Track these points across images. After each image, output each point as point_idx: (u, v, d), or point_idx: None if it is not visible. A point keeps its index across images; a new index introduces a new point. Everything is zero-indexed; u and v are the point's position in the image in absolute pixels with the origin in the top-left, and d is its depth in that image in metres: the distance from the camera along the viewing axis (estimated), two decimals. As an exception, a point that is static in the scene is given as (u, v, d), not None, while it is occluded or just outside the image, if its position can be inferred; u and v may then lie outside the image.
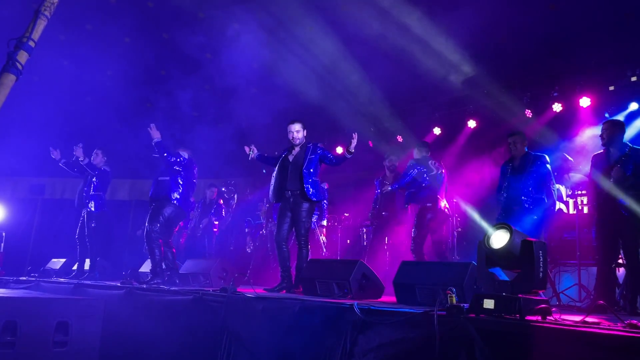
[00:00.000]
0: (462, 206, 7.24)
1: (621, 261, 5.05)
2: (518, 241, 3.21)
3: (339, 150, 9.57)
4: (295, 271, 5.68)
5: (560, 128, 7.71)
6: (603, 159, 4.95)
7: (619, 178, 4.61)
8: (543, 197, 5.43)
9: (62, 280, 7.45)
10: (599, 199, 4.88)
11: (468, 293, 3.72)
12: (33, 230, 12.12)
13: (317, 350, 3.67)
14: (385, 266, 7.24)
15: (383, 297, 4.86)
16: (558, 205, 6.35)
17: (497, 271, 3.32)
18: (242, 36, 8.29)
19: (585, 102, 7.52)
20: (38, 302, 4.68)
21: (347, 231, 8.97)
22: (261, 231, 8.85)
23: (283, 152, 5.93)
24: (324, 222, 8.33)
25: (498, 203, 5.57)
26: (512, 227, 3.28)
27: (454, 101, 9.11)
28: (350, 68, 8.33)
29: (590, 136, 7.20)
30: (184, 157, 6.67)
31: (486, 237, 3.36)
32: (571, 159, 6.65)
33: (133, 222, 11.93)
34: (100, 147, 7.91)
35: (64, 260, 8.66)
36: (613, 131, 4.92)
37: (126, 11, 9.05)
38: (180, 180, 6.59)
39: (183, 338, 4.79)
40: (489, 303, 3.03)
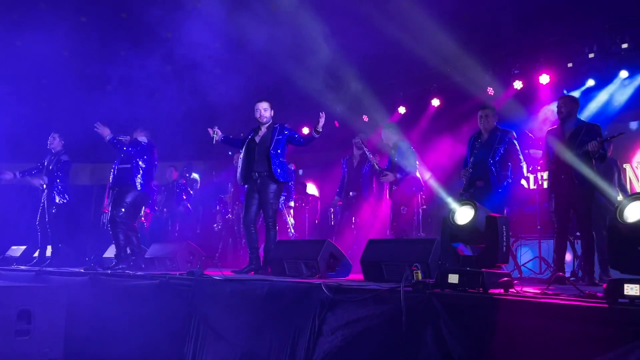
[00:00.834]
0: (428, 183, 7.31)
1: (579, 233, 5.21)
2: (482, 217, 3.27)
3: (306, 130, 9.53)
4: (263, 252, 5.67)
5: (521, 105, 7.85)
6: (558, 133, 5.06)
7: (594, 151, 4.69)
8: (508, 173, 5.50)
9: (23, 267, 7.26)
10: (555, 172, 4.99)
11: (433, 269, 3.78)
12: (-9, 217, 11.72)
13: (287, 330, 3.69)
14: (352, 245, 7.30)
15: (351, 276, 4.90)
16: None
17: (461, 246, 3.39)
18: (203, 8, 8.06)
19: (544, 79, 7.65)
20: (-2, 291, 4.56)
21: (315, 212, 8.99)
22: (228, 215, 8.78)
23: (250, 134, 5.87)
24: (292, 203, 8.32)
25: (463, 176, 5.59)
26: (477, 204, 3.34)
27: (419, 79, 9.16)
28: (318, 40, 8.14)
29: (550, 112, 7.34)
30: (144, 143, 6.55)
31: (451, 213, 3.42)
32: (532, 136, 6.78)
33: (95, 208, 11.67)
34: (56, 131, 7.69)
35: (25, 247, 8.43)
36: (572, 106, 5.04)
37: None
38: (142, 164, 6.48)
39: (150, 323, 4.74)
40: (454, 278, 3.10)
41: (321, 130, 5.47)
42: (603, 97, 7.47)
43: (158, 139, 7.11)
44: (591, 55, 7.40)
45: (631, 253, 2.68)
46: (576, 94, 7.06)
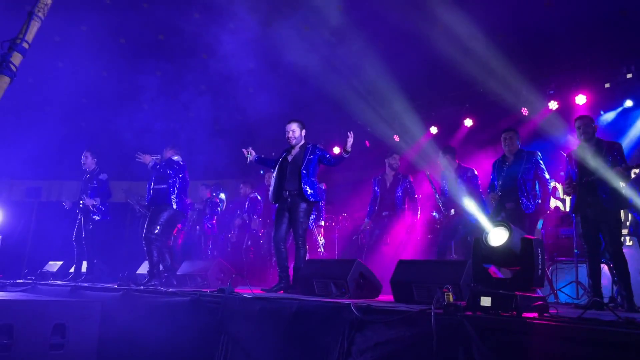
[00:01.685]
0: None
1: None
2: (517, 239, 3.22)
3: (336, 150, 9.57)
4: (293, 271, 5.67)
5: (556, 125, 7.71)
6: (580, 154, 4.95)
7: (622, 174, 4.58)
8: (537, 194, 5.43)
9: (59, 282, 7.42)
10: (580, 194, 4.86)
11: (465, 291, 3.71)
12: (30, 233, 12.08)
13: (315, 349, 3.66)
14: (383, 266, 7.23)
15: (381, 297, 4.85)
16: (554, 202, 6.34)
17: (493, 268, 3.32)
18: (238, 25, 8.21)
19: (581, 100, 7.52)
20: (35, 305, 4.67)
21: (345, 231, 8.96)
22: (259, 233, 8.80)
23: (282, 153, 5.94)
24: (322, 223, 8.32)
25: (491, 200, 5.55)
26: (511, 225, 3.28)
27: (452, 99, 9.11)
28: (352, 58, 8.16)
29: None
30: (179, 164, 6.68)
31: (485, 235, 3.36)
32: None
33: (130, 225, 11.89)
34: (89, 149, 7.90)
35: (61, 262, 8.63)
36: (593, 127, 4.96)
37: (121, 11, 9.02)
38: (177, 184, 6.61)
39: (180, 339, 4.76)
40: (486, 301, 3.03)
41: (350, 150, 5.50)
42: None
43: (192, 158, 7.24)
44: (629, 75, 7.28)
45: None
46: (612, 115, 6.91)
